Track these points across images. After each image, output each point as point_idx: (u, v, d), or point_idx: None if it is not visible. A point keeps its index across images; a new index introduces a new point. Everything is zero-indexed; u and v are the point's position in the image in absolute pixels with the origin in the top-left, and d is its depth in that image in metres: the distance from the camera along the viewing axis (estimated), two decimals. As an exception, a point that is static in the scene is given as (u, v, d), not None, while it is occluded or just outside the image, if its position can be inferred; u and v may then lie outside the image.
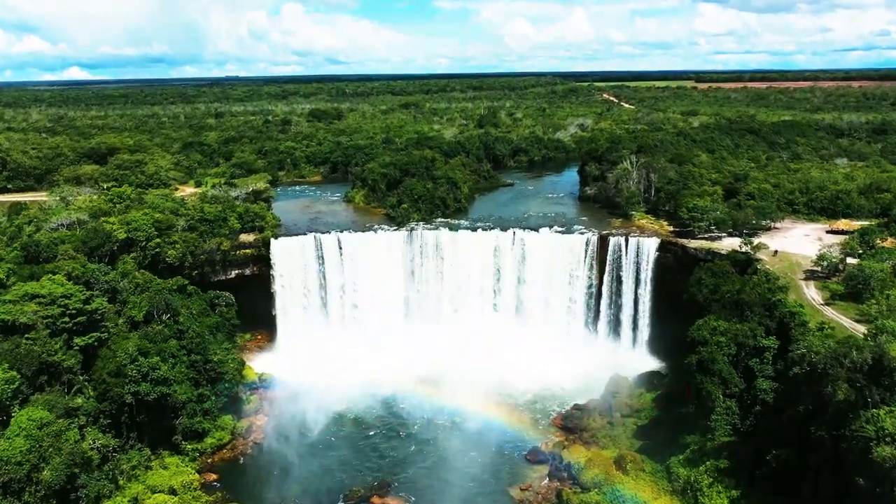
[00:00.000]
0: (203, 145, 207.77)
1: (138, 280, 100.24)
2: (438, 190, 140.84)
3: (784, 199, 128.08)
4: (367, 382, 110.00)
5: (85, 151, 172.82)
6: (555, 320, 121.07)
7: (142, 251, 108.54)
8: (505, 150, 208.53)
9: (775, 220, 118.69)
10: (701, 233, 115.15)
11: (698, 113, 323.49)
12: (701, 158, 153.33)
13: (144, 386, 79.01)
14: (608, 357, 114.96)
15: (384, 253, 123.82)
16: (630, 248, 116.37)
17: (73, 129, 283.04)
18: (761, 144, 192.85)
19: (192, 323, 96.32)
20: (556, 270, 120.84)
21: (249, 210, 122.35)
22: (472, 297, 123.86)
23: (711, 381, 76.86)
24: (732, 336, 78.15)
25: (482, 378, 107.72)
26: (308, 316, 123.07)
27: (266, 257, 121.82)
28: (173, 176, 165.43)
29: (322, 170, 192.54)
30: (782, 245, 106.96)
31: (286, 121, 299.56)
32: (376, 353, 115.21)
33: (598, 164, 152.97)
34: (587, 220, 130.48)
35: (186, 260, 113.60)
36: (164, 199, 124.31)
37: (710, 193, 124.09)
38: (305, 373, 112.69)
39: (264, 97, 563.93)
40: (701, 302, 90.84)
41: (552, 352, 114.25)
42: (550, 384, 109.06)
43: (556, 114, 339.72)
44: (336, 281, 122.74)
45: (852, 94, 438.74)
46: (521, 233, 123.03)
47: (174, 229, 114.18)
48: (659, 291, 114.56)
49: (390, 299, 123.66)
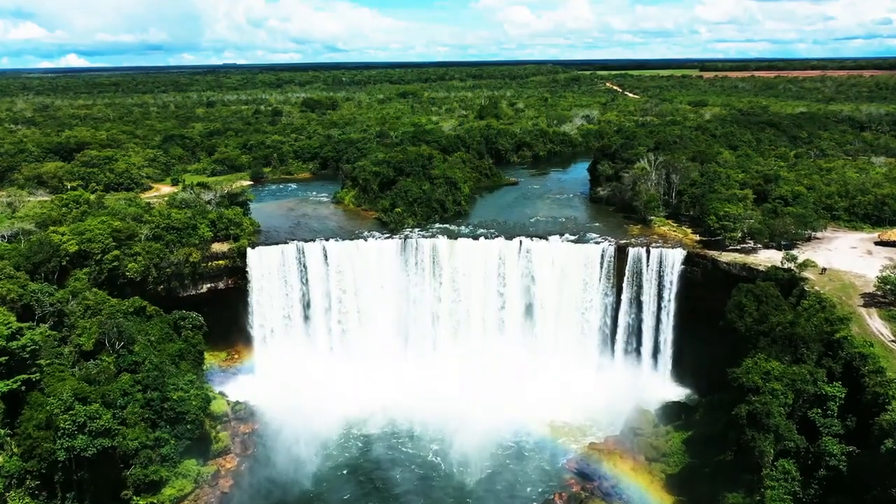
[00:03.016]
0: (185, 138, 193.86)
1: (89, 301, 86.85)
2: (436, 191, 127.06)
3: (821, 204, 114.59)
4: (353, 417, 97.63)
5: (51, 147, 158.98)
6: (566, 341, 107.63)
7: (97, 265, 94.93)
8: (508, 145, 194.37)
9: (817, 229, 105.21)
10: (732, 243, 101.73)
11: (707, 103, 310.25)
12: (724, 156, 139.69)
13: (81, 440, 65.57)
14: (627, 383, 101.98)
15: (375, 264, 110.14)
16: (652, 260, 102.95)
17: (53, 119, 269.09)
18: (782, 139, 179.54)
19: (149, 353, 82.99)
20: (568, 285, 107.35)
21: (223, 216, 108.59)
22: (473, 314, 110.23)
23: (765, 438, 63.49)
24: (789, 382, 64.70)
25: (486, 411, 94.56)
26: (289, 335, 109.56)
27: (242, 269, 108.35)
28: (147, 173, 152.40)
29: (311, 166, 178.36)
30: (828, 260, 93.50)
31: (277, 111, 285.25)
32: (365, 380, 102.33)
33: (612, 163, 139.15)
34: (601, 227, 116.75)
35: (150, 274, 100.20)
36: (128, 204, 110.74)
37: (741, 198, 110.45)
38: (285, 400, 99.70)
39: (259, 85, 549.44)
40: (742, 332, 77.44)
41: (564, 377, 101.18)
42: (562, 416, 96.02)
43: (560, 104, 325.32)
44: (321, 296, 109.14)
45: (864, 83, 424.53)
46: (527, 242, 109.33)
47: (136, 239, 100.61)
48: (684, 310, 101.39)
49: (381, 317, 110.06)
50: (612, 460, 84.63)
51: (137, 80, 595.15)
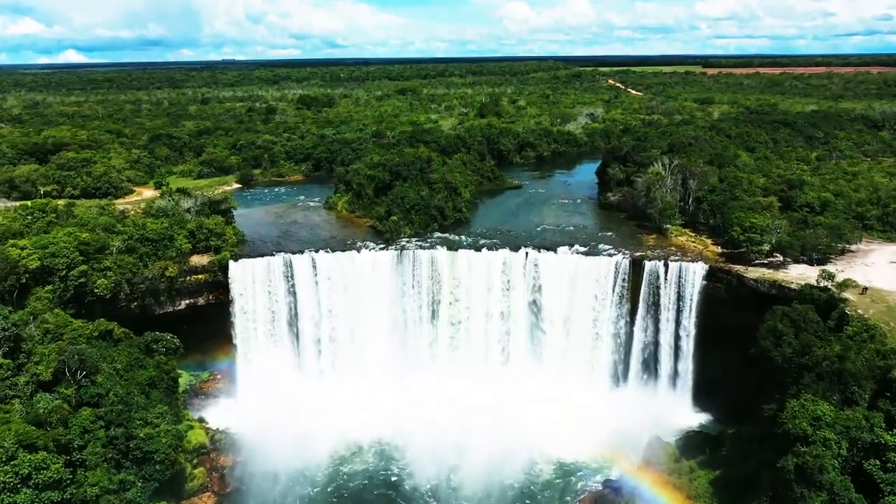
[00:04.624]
0: (172, 138, 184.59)
1: (49, 324, 78.11)
2: (435, 197, 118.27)
3: (852, 213, 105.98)
4: (342, 449, 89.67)
5: (27, 148, 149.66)
6: (577, 363, 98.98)
7: (62, 282, 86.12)
8: (510, 145, 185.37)
9: (852, 241, 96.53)
10: (759, 257, 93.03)
11: (714, 101, 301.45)
12: (742, 159, 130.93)
13: (25, 494, 56.96)
14: (643, 409, 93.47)
15: (368, 278, 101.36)
16: (670, 274, 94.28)
17: (39, 117, 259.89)
18: (798, 139, 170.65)
19: (114, 383, 74.19)
20: (579, 301, 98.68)
21: (203, 226, 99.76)
22: (475, 333, 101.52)
23: (817, 497, 54.85)
24: (843, 429, 56.13)
25: (488, 443, 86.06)
26: (275, 355, 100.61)
27: (224, 283, 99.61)
28: (129, 176, 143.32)
29: (304, 167, 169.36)
30: (867, 277, 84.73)
31: (271, 109, 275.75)
32: (356, 405, 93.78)
33: (623, 166, 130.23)
34: (613, 237, 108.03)
35: (122, 290, 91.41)
36: (99, 213, 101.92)
37: (766, 206, 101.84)
38: (269, 428, 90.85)
39: (255, 82, 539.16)
40: (779, 363, 68.78)
41: (575, 403, 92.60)
42: (573, 448, 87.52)
43: (562, 101, 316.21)
44: (309, 313, 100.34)
45: (872, 80, 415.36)
46: (534, 253, 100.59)
47: (107, 252, 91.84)
48: (706, 330, 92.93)
49: (375, 336, 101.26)
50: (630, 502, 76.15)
51: (133, 77, 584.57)
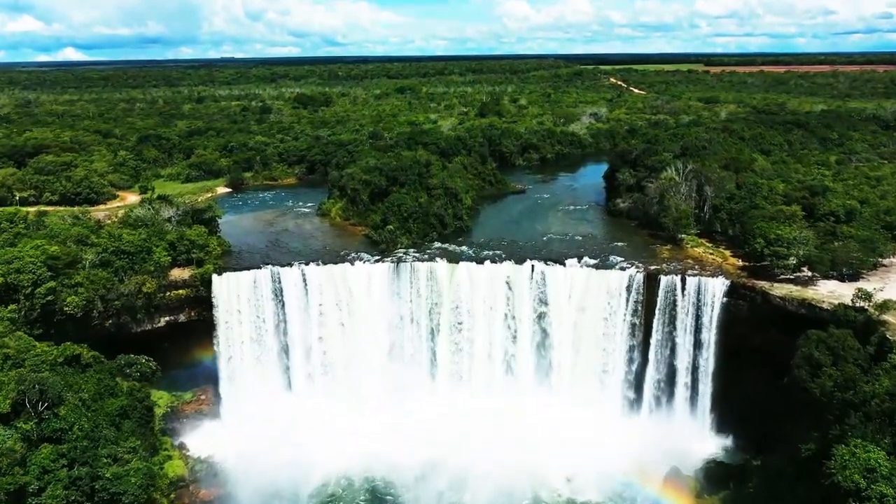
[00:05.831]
0: (161, 139, 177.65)
1: (9, 349, 71.10)
2: (434, 204, 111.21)
3: (880, 222, 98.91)
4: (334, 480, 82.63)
5: (6, 150, 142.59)
6: (587, 385, 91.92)
7: (27, 300, 79.20)
8: (512, 147, 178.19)
9: (885, 255, 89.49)
10: (785, 272, 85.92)
11: (719, 100, 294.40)
12: (759, 163, 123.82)
13: (-35, 555, 50.18)
14: (659, 435, 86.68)
15: (363, 293, 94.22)
16: (688, 290, 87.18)
17: (29, 117, 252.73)
18: (812, 141, 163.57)
19: (79, 416, 67.08)
20: (589, 318, 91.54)
21: (184, 237, 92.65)
22: (478, 351, 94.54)
23: (873, 562, 48.09)
24: (900, 481, 49.24)
25: (491, 473, 79.40)
26: (262, 376, 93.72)
27: (207, 299, 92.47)
28: (112, 180, 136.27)
29: (297, 170, 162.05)
30: (902, 294, 77.83)
31: (266, 108, 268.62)
32: (349, 431, 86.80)
33: (633, 171, 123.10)
34: (624, 248, 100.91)
35: (95, 308, 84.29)
36: (73, 223, 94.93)
37: (789, 216, 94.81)
38: (255, 456, 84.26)
39: (252, 80, 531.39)
40: (818, 396, 61.79)
41: (585, 431, 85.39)
42: (584, 482, 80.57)
43: (564, 100, 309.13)
44: (299, 331, 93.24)
45: (879, 79, 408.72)
46: (540, 266, 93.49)
47: (79, 266, 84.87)
48: (726, 350, 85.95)
49: (369, 355, 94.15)
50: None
51: (129, 75, 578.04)
